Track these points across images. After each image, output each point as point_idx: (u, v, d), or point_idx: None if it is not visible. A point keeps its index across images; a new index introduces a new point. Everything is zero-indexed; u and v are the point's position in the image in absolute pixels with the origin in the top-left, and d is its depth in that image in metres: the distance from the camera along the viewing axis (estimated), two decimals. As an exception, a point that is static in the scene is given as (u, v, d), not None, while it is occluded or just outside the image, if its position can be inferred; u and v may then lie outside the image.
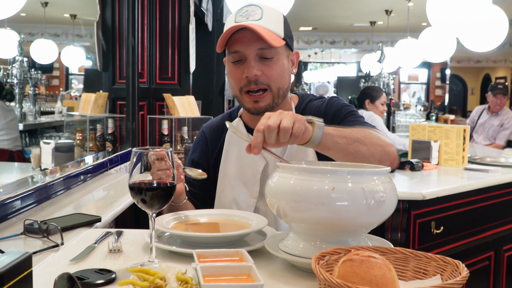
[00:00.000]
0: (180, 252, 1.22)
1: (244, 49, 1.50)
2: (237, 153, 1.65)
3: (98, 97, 3.11)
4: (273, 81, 1.53)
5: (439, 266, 1.00)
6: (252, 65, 1.50)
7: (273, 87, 1.54)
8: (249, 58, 1.51)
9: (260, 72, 1.51)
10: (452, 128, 3.44)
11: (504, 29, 4.13)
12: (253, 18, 1.48)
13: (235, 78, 1.55)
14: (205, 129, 1.78)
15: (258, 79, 1.51)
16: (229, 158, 1.66)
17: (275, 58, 1.52)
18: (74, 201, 1.95)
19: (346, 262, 0.91)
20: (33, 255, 1.25)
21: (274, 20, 1.52)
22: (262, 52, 1.50)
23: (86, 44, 4.08)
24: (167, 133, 3.14)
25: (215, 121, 1.78)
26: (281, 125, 1.16)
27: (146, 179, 1.13)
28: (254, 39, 1.48)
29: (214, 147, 1.72)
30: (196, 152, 1.76)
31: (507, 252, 3.42)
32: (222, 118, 1.76)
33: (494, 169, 3.21)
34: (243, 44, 1.50)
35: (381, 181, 1.11)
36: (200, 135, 1.77)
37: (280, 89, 1.56)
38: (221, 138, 1.71)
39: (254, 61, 1.51)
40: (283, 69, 1.56)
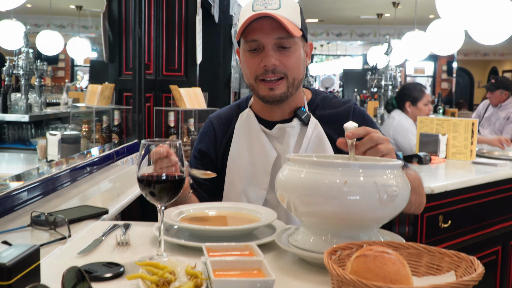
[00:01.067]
0: (189, 246, 1.20)
1: (262, 37, 1.49)
2: (247, 144, 1.63)
3: (105, 89, 3.10)
4: (290, 71, 1.52)
5: (453, 262, 0.98)
6: (270, 54, 1.49)
7: (290, 76, 1.53)
8: (267, 47, 1.50)
9: (278, 62, 1.50)
10: (461, 122, 3.41)
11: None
12: (271, 7, 1.47)
13: (251, 66, 1.53)
14: (213, 119, 1.75)
15: (275, 68, 1.50)
16: (239, 149, 1.63)
17: (293, 48, 1.51)
18: (81, 193, 1.94)
19: (359, 257, 0.90)
20: (41, 247, 1.24)
21: (292, 9, 1.51)
22: (280, 41, 1.49)
23: (91, 35, 4.07)
24: (173, 125, 3.13)
25: (223, 112, 1.75)
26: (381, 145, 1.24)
27: (156, 171, 1.11)
28: (273, 28, 1.47)
29: (222, 137, 1.69)
30: (204, 142, 1.72)
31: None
32: (230, 109, 1.74)
33: (503, 163, 3.18)
34: (262, 33, 1.48)
35: (394, 175, 1.09)
36: (208, 125, 1.74)
37: (295, 79, 1.55)
38: (230, 128, 1.68)
39: (272, 50, 1.50)
40: (300, 60, 1.55)
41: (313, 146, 1.58)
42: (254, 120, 1.63)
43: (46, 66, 3.74)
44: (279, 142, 1.61)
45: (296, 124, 1.60)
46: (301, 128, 1.60)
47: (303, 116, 1.59)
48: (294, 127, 1.59)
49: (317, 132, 1.59)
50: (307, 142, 1.58)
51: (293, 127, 1.59)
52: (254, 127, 1.62)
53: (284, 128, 1.60)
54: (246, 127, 1.63)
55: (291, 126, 1.59)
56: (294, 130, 1.59)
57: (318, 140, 1.59)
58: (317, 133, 1.59)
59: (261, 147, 1.60)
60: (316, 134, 1.59)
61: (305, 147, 1.58)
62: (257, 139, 1.61)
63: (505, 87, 5.28)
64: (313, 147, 1.58)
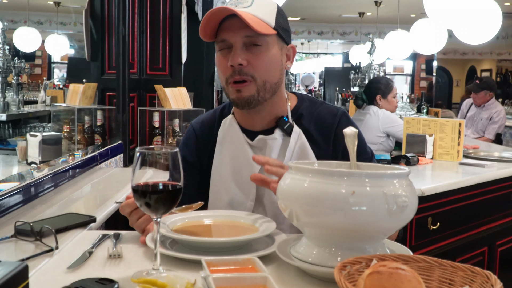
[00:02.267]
0: (187, 259, 1.14)
1: (230, 37, 1.41)
2: (231, 152, 1.55)
3: (87, 88, 3.01)
4: (258, 72, 1.43)
5: (467, 276, 0.94)
6: (237, 53, 1.41)
7: (258, 79, 1.43)
8: (235, 46, 1.41)
9: (245, 61, 1.41)
10: (448, 122, 3.40)
11: (498, 21, 4.09)
12: (242, 6, 1.40)
13: (221, 67, 1.46)
14: (195, 125, 1.66)
15: (242, 69, 1.41)
16: (223, 158, 1.56)
17: (264, 47, 1.42)
18: (65, 198, 1.86)
19: (372, 274, 0.85)
20: (26, 260, 1.17)
21: (265, 8, 1.43)
22: (249, 40, 1.41)
23: (70, 32, 3.97)
24: (158, 126, 3.06)
25: (205, 118, 1.67)
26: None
27: (151, 181, 1.05)
28: (241, 27, 1.39)
29: (205, 145, 1.61)
30: (188, 149, 1.64)
31: (501, 247, 3.40)
32: (213, 114, 1.65)
33: (490, 164, 3.17)
34: (230, 31, 1.41)
35: (402, 184, 1.04)
36: (190, 132, 1.66)
37: (266, 82, 1.45)
38: (212, 134, 1.61)
39: (240, 49, 1.41)
40: (272, 61, 1.45)
41: (296, 157, 1.51)
42: (237, 129, 1.55)
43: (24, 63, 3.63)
44: (262, 153, 1.53)
45: (278, 136, 1.51)
46: (284, 139, 1.52)
47: (285, 127, 1.51)
48: (276, 139, 1.51)
49: (300, 143, 1.51)
50: (290, 154, 1.50)
51: (274, 139, 1.51)
52: (237, 135, 1.54)
53: (266, 140, 1.52)
54: (229, 135, 1.56)
55: (272, 139, 1.51)
56: (276, 142, 1.51)
57: (301, 151, 1.51)
58: (300, 143, 1.51)
59: (244, 157, 1.52)
60: (299, 145, 1.51)
61: (288, 159, 1.50)
62: (240, 149, 1.53)
63: (490, 88, 5.30)
64: (296, 158, 1.51)
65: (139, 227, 1.31)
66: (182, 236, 1.20)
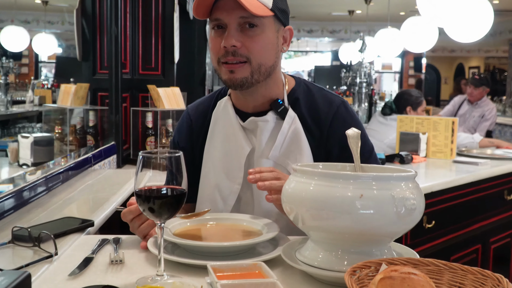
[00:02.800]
0: (192, 264, 1.12)
1: (224, 17, 1.37)
2: (223, 134, 1.51)
3: (79, 89, 2.97)
4: (253, 54, 1.38)
5: (477, 279, 0.93)
6: (231, 35, 1.36)
7: (253, 61, 1.39)
8: (229, 27, 1.37)
9: (239, 43, 1.37)
10: (441, 120, 3.40)
11: (489, 20, 4.09)
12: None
13: (214, 47, 1.41)
14: (190, 110, 1.62)
15: (236, 51, 1.37)
16: (214, 139, 1.52)
17: (259, 29, 1.38)
18: (59, 202, 1.83)
19: (385, 280, 0.83)
20: (25, 267, 1.14)
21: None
22: (244, 20, 1.36)
23: (57, 31, 3.93)
24: (151, 126, 3.02)
25: (201, 102, 1.62)
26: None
27: (154, 185, 1.03)
28: (236, 7, 1.33)
29: (199, 130, 1.57)
30: (181, 134, 1.61)
31: (494, 244, 3.42)
32: (210, 98, 1.60)
33: (484, 162, 3.18)
34: (224, 11, 1.36)
35: (409, 187, 1.03)
36: (185, 117, 1.61)
37: (261, 65, 1.40)
38: (207, 118, 1.56)
39: (234, 30, 1.37)
40: (268, 43, 1.40)
41: (289, 142, 1.47)
42: (231, 109, 1.51)
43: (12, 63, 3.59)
44: (254, 135, 1.49)
45: (270, 118, 1.47)
46: (277, 122, 1.48)
47: (279, 110, 1.47)
48: (268, 121, 1.47)
49: (294, 128, 1.47)
50: (283, 138, 1.46)
51: (266, 121, 1.47)
52: (230, 116, 1.51)
53: (256, 122, 1.47)
54: (223, 116, 1.52)
55: (264, 120, 1.47)
56: (268, 124, 1.47)
57: (294, 136, 1.47)
58: (294, 128, 1.47)
59: (235, 140, 1.49)
60: (292, 130, 1.47)
61: (280, 142, 1.46)
62: (232, 131, 1.50)
63: (488, 84, 5.34)
64: (289, 143, 1.47)
65: (141, 233, 1.29)
66: (185, 240, 1.18)
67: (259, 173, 1.28)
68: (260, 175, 1.28)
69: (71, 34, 3.25)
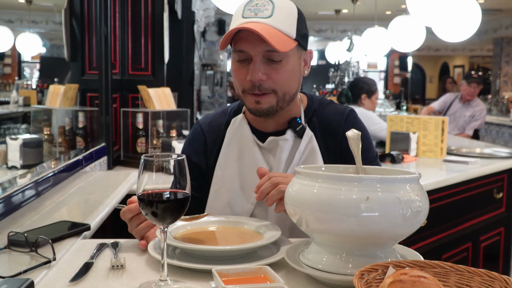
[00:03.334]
0: (196, 269, 1.11)
1: (249, 49, 1.36)
2: (238, 153, 1.51)
3: (68, 89, 2.93)
4: (279, 86, 1.39)
5: (484, 281, 0.92)
6: (257, 68, 1.36)
7: (279, 91, 1.40)
8: (254, 59, 1.36)
9: (265, 76, 1.37)
10: (431, 120, 3.42)
11: (477, 19, 4.12)
12: (262, 15, 1.33)
13: (239, 78, 1.41)
14: (203, 125, 1.60)
15: (262, 84, 1.38)
16: (228, 157, 1.52)
17: (284, 61, 1.38)
18: (52, 205, 1.80)
19: (395, 283, 0.83)
20: (24, 274, 1.12)
21: (286, 17, 1.36)
22: (269, 54, 1.35)
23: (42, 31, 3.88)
24: (142, 127, 3.00)
25: (214, 118, 1.62)
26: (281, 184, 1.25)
27: (157, 189, 1.01)
28: (261, 40, 1.32)
29: (213, 147, 1.56)
30: (192, 150, 1.59)
31: (483, 243, 3.45)
32: (222, 115, 1.61)
33: (474, 161, 3.20)
34: (249, 43, 1.35)
35: (414, 188, 1.03)
36: (197, 132, 1.60)
37: (286, 94, 1.42)
38: (221, 135, 1.56)
39: (259, 63, 1.36)
40: (292, 72, 1.41)
41: (305, 160, 1.48)
42: (247, 129, 1.51)
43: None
44: (272, 154, 1.49)
45: (289, 137, 1.48)
46: (295, 141, 1.49)
47: (297, 128, 1.48)
48: (288, 140, 1.48)
49: (310, 147, 1.48)
50: (299, 156, 1.48)
51: (286, 140, 1.48)
52: (246, 136, 1.51)
53: (277, 141, 1.48)
54: (238, 134, 1.52)
55: (284, 139, 1.48)
56: (287, 143, 1.48)
57: (310, 154, 1.48)
58: (311, 147, 1.48)
59: (251, 159, 1.49)
60: (309, 149, 1.48)
61: (297, 161, 1.47)
62: (248, 150, 1.50)
63: (481, 82, 5.39)
64: (304, 161, 1.48)
65: (139, 233, 1.28)
66: (187, 244, 1.16)
67: (259, 187, 1.28)
68: (261, 189, 1.27)
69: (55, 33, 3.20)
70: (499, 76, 9.59)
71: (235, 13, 1.40)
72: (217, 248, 1.16)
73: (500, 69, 9.63)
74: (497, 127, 7.13)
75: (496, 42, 9.80)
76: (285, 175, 1.27)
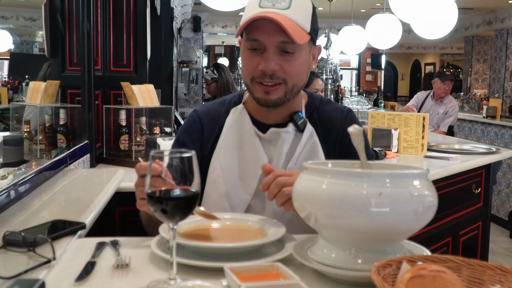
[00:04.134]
0: (208, 267, 1.09)
1: (264, 39, 1.36)
2: (237, 143, 1.50)
3: (49, 86, 2.87)
4: (290, 77, 1.40)
5: (497, 275, 0.93)
6: (270, 58, 1.36)
7: (289, 83, 1.41)
8: (268, 50, 1.37)
9: (278, 67, 1.38)
10: (412, 116, 3.45)
11: (454, 17, 4.20)
12: (280, 6, 1.33)
13: (249, 66, 1.41)
14: (200, 113, 1.58)
15: (274, 74, 1.38)
16: (227, 146, 1.50)
17: (297, 53, 1.39)
18: (42, 203, 1.76)
19: (415, 279, 0.83)
20: (24, 274, 1.09)
21: (303, 10, 1.37)
22: (284, 45, 1.36)
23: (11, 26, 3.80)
24: (125, 124, 2.95)
25: (211, 107, 1.60)
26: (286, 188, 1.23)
27: (166, 186, 0.99)
28: (278, 30, 1.33)
29: (210, 136, 1.54)
30: (188, 137, 1.56)
31: (463, 237, 3.51)
32: (220, 105, 1.59)
33: (454, 157, 3.25)
34: (264, 33, 1.35)
35: (424, 184, 1.03)
36: (194, 120, 1.58)
37: (295, 86, 1.44)
38: (218, 126, 1.55)
39: (273, 53, 1.37)
40: (303, 66, 1.43)
41: (306, 154, 1.49)
42: (247, 119, 1.51)
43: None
44: (272, 146, 1.50)
45: (291, 130, 1.49)
46: (296, 135, 1.50)
47: (299, 122, 1.49)
48: (289, 132, 1.49)
49: (312, 142, 1.50)
50: (300, 150, 1.48)
51: (288, 132, 1.49)
52: (246, 126, 1.50)
53: (279, 133, 1.49)
54: (238, 125, 1.51)
55: (286, 132, 1.49)
56: (289, 136, 1.49)
57: (311, 149, 1.49)
58: (312, 142, 1.50)
59: (252, 150, 1.49)
60: (311, 144, 1.49)
61: (298, 155, 1.48)
62: (248, 140, 1.49)
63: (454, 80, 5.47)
64: (306, 156, 1.49)
65: (142, 193, 1.23)
66: (192, 242, 1.15)
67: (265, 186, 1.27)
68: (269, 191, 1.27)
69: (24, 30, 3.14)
70: (470, 74, 9.77)
71: (251, 1, 1.39)
72: (227, 245, 1.15)
73: (471, 67, 9.81)
74: (469, 124, 7.26)
75: (467, 40, 9.98)
76: (290, 173, 1.26)
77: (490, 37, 9.67)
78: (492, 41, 9.51)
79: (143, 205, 1.23)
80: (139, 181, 1.24)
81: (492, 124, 6.56)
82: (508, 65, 8.19)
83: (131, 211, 2.36)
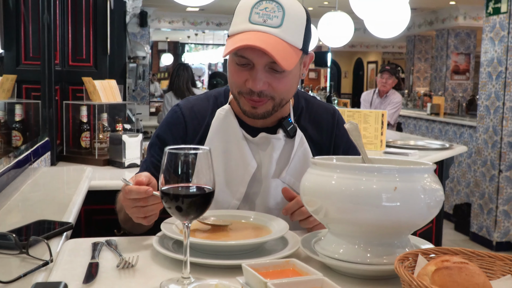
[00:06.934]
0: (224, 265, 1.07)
1: (253, 58, 1.29)
2: (224, 147, 1.45)
3: (5, 80, 2.74)
4: (278, 94, 1.35)
5: (506, 265, 0.97)
6: (259, 78, 1.30)
7: (277, 98, 1.36)
8: (257, 67, 1.30)
9: (266, 85, 1.32)
10: (371, 113, 3.53)
11: (407, 16, 4.31)
12: (271, 23, 1.25)
13: (237, 81, 1.35)
14: (184, 110, 1.50)
15: (262, 92, 1.33)
16: (214, 149, 1.43)
17: (286, 71, 1.32)
18: (15, 204, 1.68)
19: (441, 270, 0.85)
20: (24, 277, 1.04)
21: (295, 25, 1.29)
22: (273, 65, 1.30)
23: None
24: (86, 121, 2.87)
25: (196, 104, 1.52)
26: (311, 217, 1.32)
27: (181, 184, 0.97)
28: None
29: (194, 134, 1.48)
30: (170, 134, 1.49)
31: (419, 230, 3.61)
32: (206, 101, 1.52)
33: (413, 153, 3.34)
34: (254, 53, 1.28)
35: (433, 178, 1.06)
36: (178, 116, 1.50)
37: (283, 100, 1.39)
38: (204, 124, 1.48)
39: (262, 72, 1.31)
40: (293, 81, 1.38)
41: (297, 162, 1.46)
42: (234, 122, 1.46)
43: None
44: (261, 150, 1.46)
45: (281, 137, 1.46)
46: (286, 140, 1.47)
47: (288, 128, 1.46)
48: (280, 139, 1.45)
49: (303, 149, 1.47)
50: (291, 157, 1.46)
51: (278, 139, 1.45)
52: (233, 129, 1.45)
53: (269, 139, 1.45)
54: (224, 127, 1.45)
55: (276, 138, 1.45)
56: (279, 142, 1.45)
57: (303, 157, 1.47)
58: (303, 149, 1.47)
59: (240, 154, 1.44)
60: (302, 151, 1.47)
61: (289, 162, 1.46)
62: (236, 144, 1.44)
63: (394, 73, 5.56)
64: (297, 163, 1.46)
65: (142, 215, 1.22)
66: (200, 240, 1.13)
67: (288, 210, 1.33)
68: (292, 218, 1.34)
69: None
70: (412, 72, 10.08)
71: (240, 11, 1.30)
72: (231, 243, 1.13)
73: (413, 66, 10.12)
74: (414, 121, 7.49)
75: (409, 39, 10.29)
76: None
77: (431, 37, 10.01)
78: (433, 41, 9.85)
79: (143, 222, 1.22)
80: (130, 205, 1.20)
81: (436, 121, 6.80)
82: (449, 64, 8.51)
83: (95, 209, 2.31)
